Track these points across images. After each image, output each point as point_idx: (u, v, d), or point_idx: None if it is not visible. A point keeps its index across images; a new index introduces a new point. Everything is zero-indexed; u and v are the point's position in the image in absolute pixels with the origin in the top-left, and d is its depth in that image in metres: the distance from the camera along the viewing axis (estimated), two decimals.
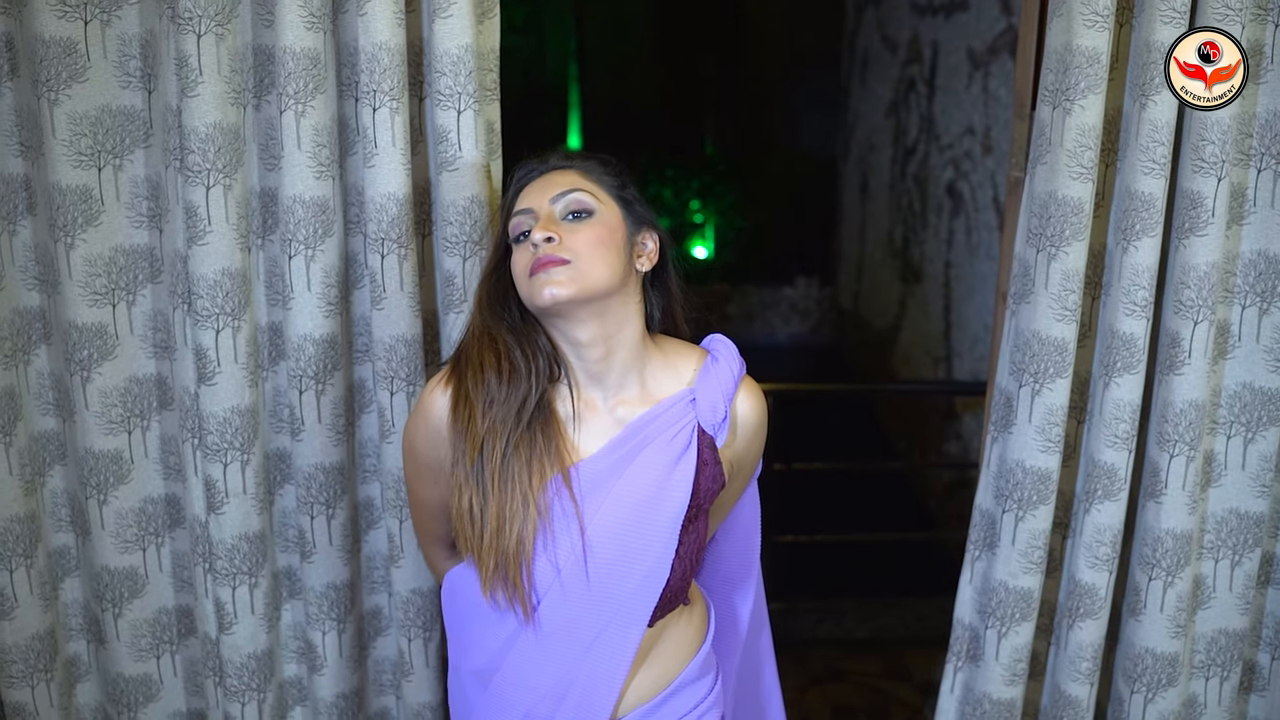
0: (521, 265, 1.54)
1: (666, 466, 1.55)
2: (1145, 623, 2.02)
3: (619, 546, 1.53)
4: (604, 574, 1.53)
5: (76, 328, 1.89)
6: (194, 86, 1.75)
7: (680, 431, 1.57)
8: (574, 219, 1.54)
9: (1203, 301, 1.86)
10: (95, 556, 2.02)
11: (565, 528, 1.53)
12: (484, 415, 1.53)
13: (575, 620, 1.55)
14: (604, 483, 1.54)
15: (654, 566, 1.54)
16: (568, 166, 1.61)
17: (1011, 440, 1.99)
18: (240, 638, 1.99)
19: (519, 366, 1.55)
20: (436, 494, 1.66)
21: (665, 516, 1.54)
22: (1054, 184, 1.84)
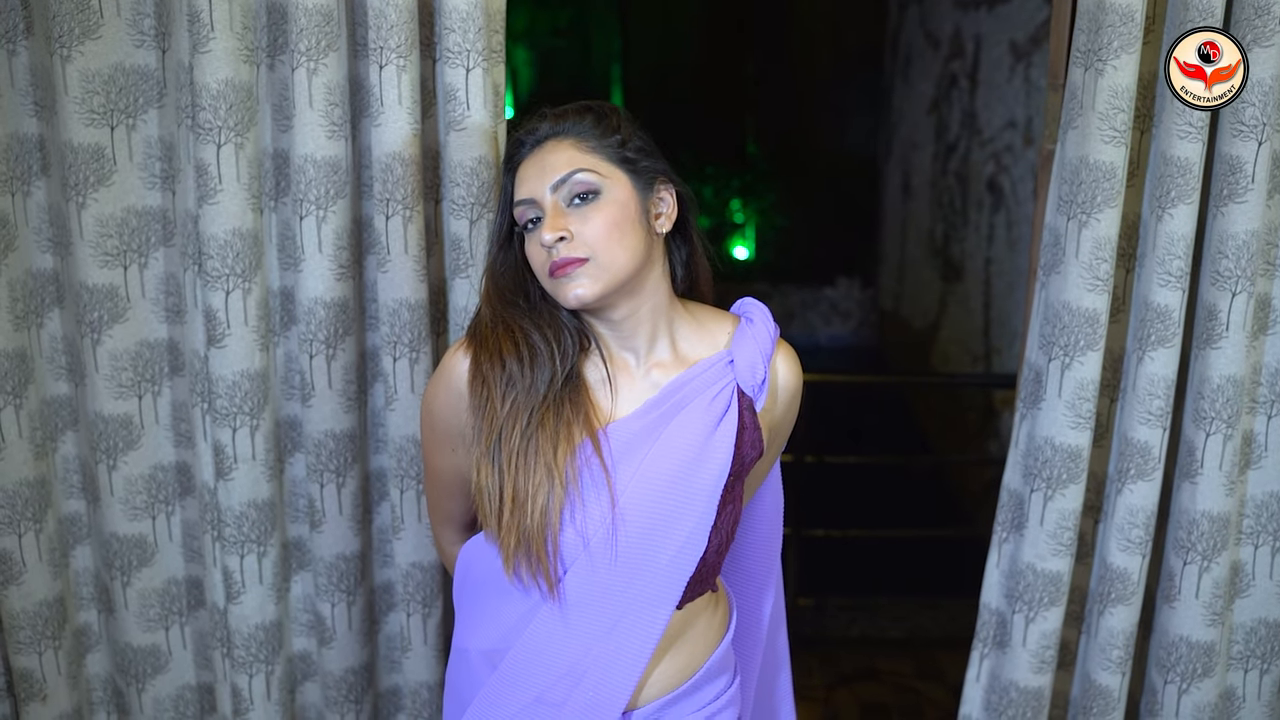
0: (538, 262, 1.46)
1: (706, 429, 1.47)
2: (1180, 609, 1.94)
3: (654, 514, 1.45)
4: (636, 544, 1.45)
5: (87, 289, 1.88)
6: (206, 42, 1.73)
7: (720, 393, 1.50)
8: (580, 202, 1.44)
9: (1241, 272, 1.79)
10: (105, 523, 2.00)
11: (595, 496, 1.45)
12: (503, 399, 1.46)
13: (602, 595, 1.47)
14: (638, 446, 1.47)
15: (690, 536, 1.46)
16: (559, 134, 1.48)
17: (1040, 416, 1.92)
18: (248, 608, 1.97)
19: (540, 349, 1.48)
20: (454, 463, 1.58)
21: (705, 482, 1.46)
22: (1085, 148, 1.78)
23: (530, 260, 1.48)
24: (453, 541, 1.71)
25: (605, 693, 1.49)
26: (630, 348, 1.51)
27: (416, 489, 1.97)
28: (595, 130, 1.48)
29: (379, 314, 1.90)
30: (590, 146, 1.47)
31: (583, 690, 1.49)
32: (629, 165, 1.48)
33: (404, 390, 1.91)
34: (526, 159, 1.49)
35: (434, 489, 1.66)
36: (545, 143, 1.48)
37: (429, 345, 1.92)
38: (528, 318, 1.50)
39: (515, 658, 1.52)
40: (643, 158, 1.49)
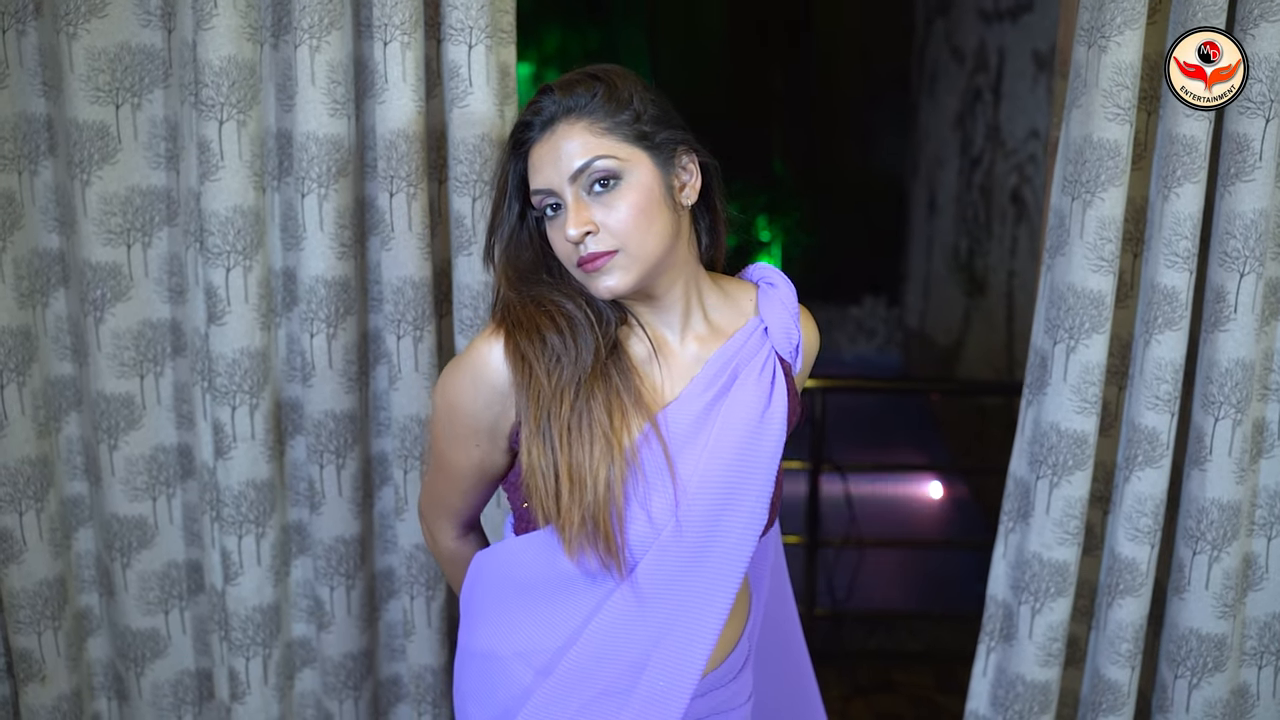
0: (563, 252, 1.40)
1: (761, 400, 1.45)
2: (1190, 601, 1.90)
3: (720, 493, 1.42)
4: (705, 524, 1.41)
5: (90, 266, 1.89)
6: (209, 19, 1.74)
7: (766, 363, 1.47)
8: (601, 189, 1.36)
9: (1249, 252, 1.75)
10: (105, 504, 2.00)
11: (660, 478, 1.40)
12: (549, 374, 1.39)
13: (672, 578, 1.42)
14: (699, 426, 1.42)
15: (754, 511, 1.43)
16: (570, 114, 1.38)
17: (1046, 402, 1.89)
18: (246, 589, 1.96)
19: (577, 318, 1.41)
20: (474, 458, 1.49)
21: (764, 454, 1.44)
22: (1090, 127, 1.76)
23: (553, 244, 1.42)
24: (451, 535, 1.64)
25: (675, 678, 1.44)
26: (667, 323, 1.47)
27: (420, 469, 1.96)
28: (607, 107, 1.38)
29: (383, 294, 1.90)
30: (604, 128, 1.37)
31: (650, 677, 1.44)
32: (647, 141, 1.39)
33: (408, 369, 1.91)
34: (538, 143, 1.40)
35: (443, 483, 1.57)
36: (556, 125, 1.39)
37: (433, 324, 1.92)
38: (556, 290, 1.44)
39: (582, 652, 1.45)
40: (660, 129, 1.41)
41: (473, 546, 1.64)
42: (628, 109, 1.39)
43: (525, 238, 1.48)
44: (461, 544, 1.64)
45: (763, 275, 1.57)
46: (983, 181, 4.97)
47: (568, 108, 1.38)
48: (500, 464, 1.50)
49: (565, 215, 1.37)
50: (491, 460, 1.49)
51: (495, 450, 1.47)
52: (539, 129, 1.40)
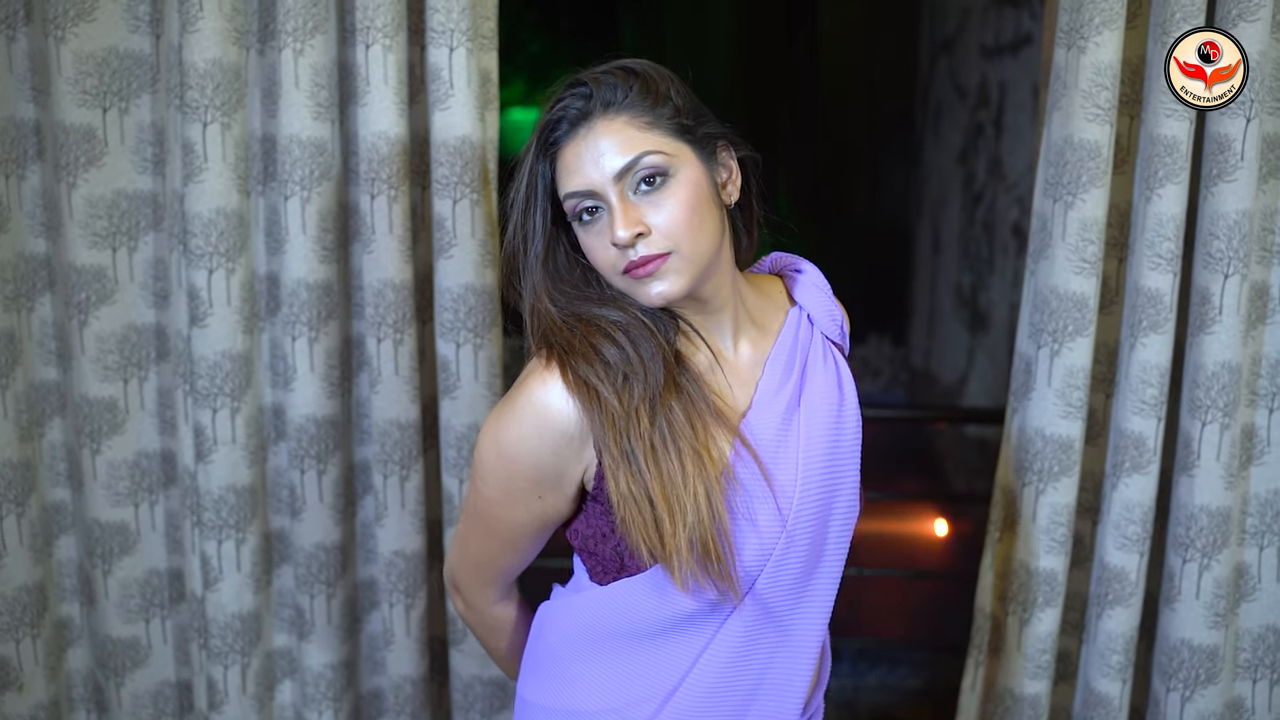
0: (605, 260, 1.27)
1: (833, 390, 1.38)
2: (1180, 611, 1.87)
3: (823, 491, 1.33)
4: (813, 528, 1.32)
5: (75, 269, 1.89)
6: (195, 22, 1.76)
7: (825, 351, 1.40)
8: (648, 188, 1.25)
9: (1234, 253, 1.74)
10: (87, 509, 1.99)
11: (759, 490, 1.29)
12: (620, 393, 1.26)
13: (788, 593, 1.32)
14: (785, 430, 1.33)
15: (851, 500, 1.36)
16: (609, 109, 1.26)
17: (1030, 407, 1.87)
18: (225, 595, 1.94)
19: (634, 327, 1.30)
20: (536, 511, 1.35)
21: (850, 441, 1.37)
22: (1070, 128, 1.75)
23: (590, 253, 1.29)
24: (494, 600, 1.50)
25: (783, 700, 1.36)
26: (719, 328, 1.36)
27: (400, 475, 1.94)
28: (646, 100, 1.27)
29: (364, 299, 1.90)
30: (646, 122, 1.26)
31: (760, 702, 1.35)
32: (689, 135, 1.28)
33: (388, 373, 1.91)
34: (570, 141, 1.28)
35: (495, 547, 1.42)
36: (593, 121, 1.26)
37: (413, 328, 1.91)
38: (600, 302, 1.33)
39: (693, 690, 1.33)
40: (700, 123, 1.31)
41: (516, 606, 1.52)
42: (667, 102, 1.28)
43: (562, 250, 1.35)
44: (504, 607, 1.51)
45: (785, 264, 1.48)
46: (985, 216, 4.97)
47: (605, 102, 1.27)
48: (564, 511, 1.35)
49: (609, 218, 1.25)
50: (557, 510, 1.35)
51: (561, 499, 1.33)
52: (570, 126, 1.28)
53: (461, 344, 1.89)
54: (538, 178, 1.30)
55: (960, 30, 5.33)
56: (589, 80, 1.28)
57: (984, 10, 4.90)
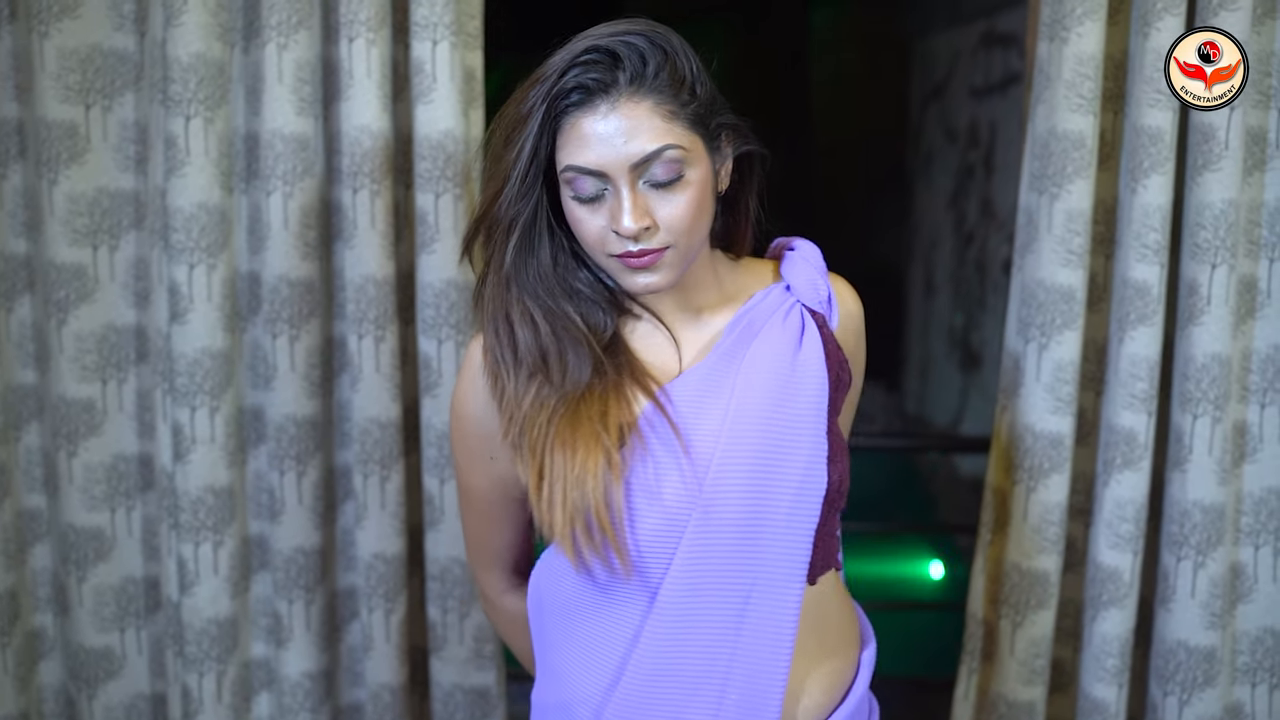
0: (597, 241, 1.22)
1: (788, 349, 1.27)
2: (1176, 612, 1.83)
3: (757, 459, 1.22)
4: (745, 502, 1.22)
5: (55, 267, 1.88)
6: (179, 15, 1.76)
7: (790, 312, 1.30)
8: (660, 184, 1.20)
9: (1220, 243, 1.73)
10: (62, 513, 1.95)
11: (671, 459, 1.22)
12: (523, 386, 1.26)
13: (719, 574, 1.22)
14: (714, 389, 1.25)
15: (807, 475, 1.22)
16: (635, 91, 1.19)
17: (1019, 404, 1.85)
18: (201, 599, 1.90)
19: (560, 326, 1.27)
20: (494, 475, 1.34)
21: (806, 404, 1.24)
22: (1053, 119, 1.75)
23: (577, 225, 1.23)
24: (501, 587, 1.45)
25: (751, 697, 1.23)
26: (683, 302, 1.32)
27: (380, 475, 1.91)
28: (673, 85, 1.20)
29: (346, 299, 1.88)
30: (670, 110, 1.19)
31: (729, 699, 1.24)
32: (703, 126, 1.23)
33: (369, 370, 1.88)
34: (585, 113, 1.19)
35: (474, 518, 1.41)
36: (617, 97, 1.18)
37: (395, 326, 1.89)
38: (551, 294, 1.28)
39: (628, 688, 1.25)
40: (713, 113, 1.25)
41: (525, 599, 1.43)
42: (691, 90, 1.22)
43: (544, 230, 1.27)
44: (514, 599, 1.44)
45: (788, 242, 1.42)
46: (977, 256, 4.98)
47: (632, 77, 1.19)
48: (519, 476, 1.30)
49: (614, 203, 1.19)
50: (511, 474, 1.32)
51: (508, 461, 1.31)
52: (587, 95, 1.19)
53: (443, 340, 1.87)
54: (541, 144, 1.21)
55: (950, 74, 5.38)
56: (617, 48, 1.19)
57: (972, 53, 4.95)
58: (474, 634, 1.95)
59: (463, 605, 1.94)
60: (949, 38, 5.30)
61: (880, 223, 6.60)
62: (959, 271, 5.28)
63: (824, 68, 6.73)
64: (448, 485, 1.90)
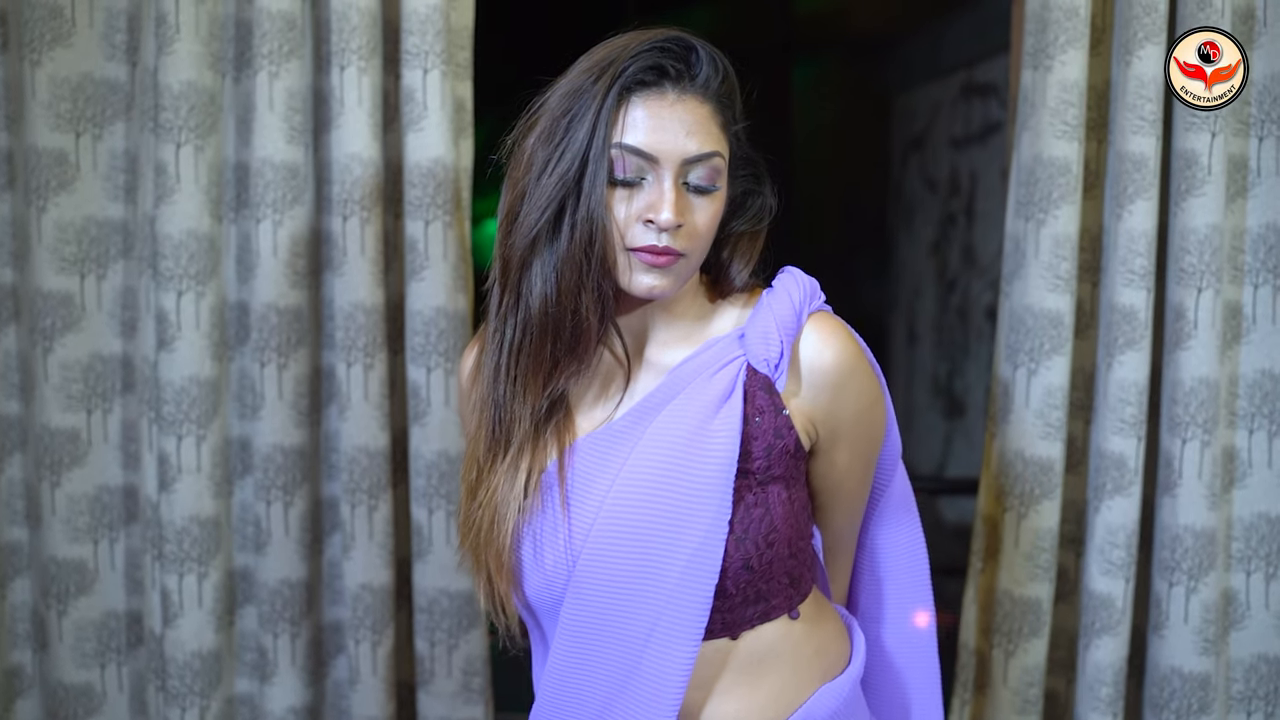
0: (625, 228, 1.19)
1: (702, 413, 1.21)
2: (1169, 638, 1.82)
3: (647, 524, 1.20)
4: (633, 562, 1.20)
5: (42, 294, 1.87)
6: (170, 44, 1.77)
7: (722, 370, 1.24)
8: (699, 188, 1.20)
9: (1205, 267, 1.75)
10: (44, 546, 1.93)
11: (555, 520, 1.24)
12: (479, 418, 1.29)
13: (607, 629, 1.22)
14: (612, 454, 1.24)
15: (703, 545, 1.18)
16: (701, 92, 1.21)
17: (1009, 430, 1.85)
18: (185, 632, 1.87)
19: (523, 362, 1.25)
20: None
21: (706, 475, 1.19)
22: (1039, 146, 1.77)
23: (615, 211, 1.19)
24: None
25: None
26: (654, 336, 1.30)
27: (368, 505, 1.89)
28: (729, 101, 1.24)
29: (334, 321, 1.87)
30: (721, 122, 1.22)
31: None
32: (735, 152, 1.27)
33: (357, 399, 1.87)
34: (655, 95, 1.19)
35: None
36: (686, 92, 1.20)
37: (384, 354, 1.88)
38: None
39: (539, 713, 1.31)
40: (741, 146, 1.29)
41: None
42: (735, 112, 1.26)
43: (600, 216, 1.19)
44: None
45: (778, 278, 1.32)
46: (959, 304, 5.01)
47: (703, 81, 1.21)
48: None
49: (655, 193, 1.18)
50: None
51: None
52: (659, 77, 1.19)
53: (432, 369, 1.86)
54: (603, 116, 1.18)
55: (930, 125, 5.45)
56: (695, 45, 1.22)
57: (952, 103, 5.01)
58: (463, 667, 1.92)
59: (451, 637, 1.92)
60: (928, 90, 5.37)
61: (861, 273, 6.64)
62: (941, 319, 5.30)
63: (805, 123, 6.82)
64: (436, 515, 1.89)
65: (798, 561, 1.28)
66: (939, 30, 5.11)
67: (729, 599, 1.23)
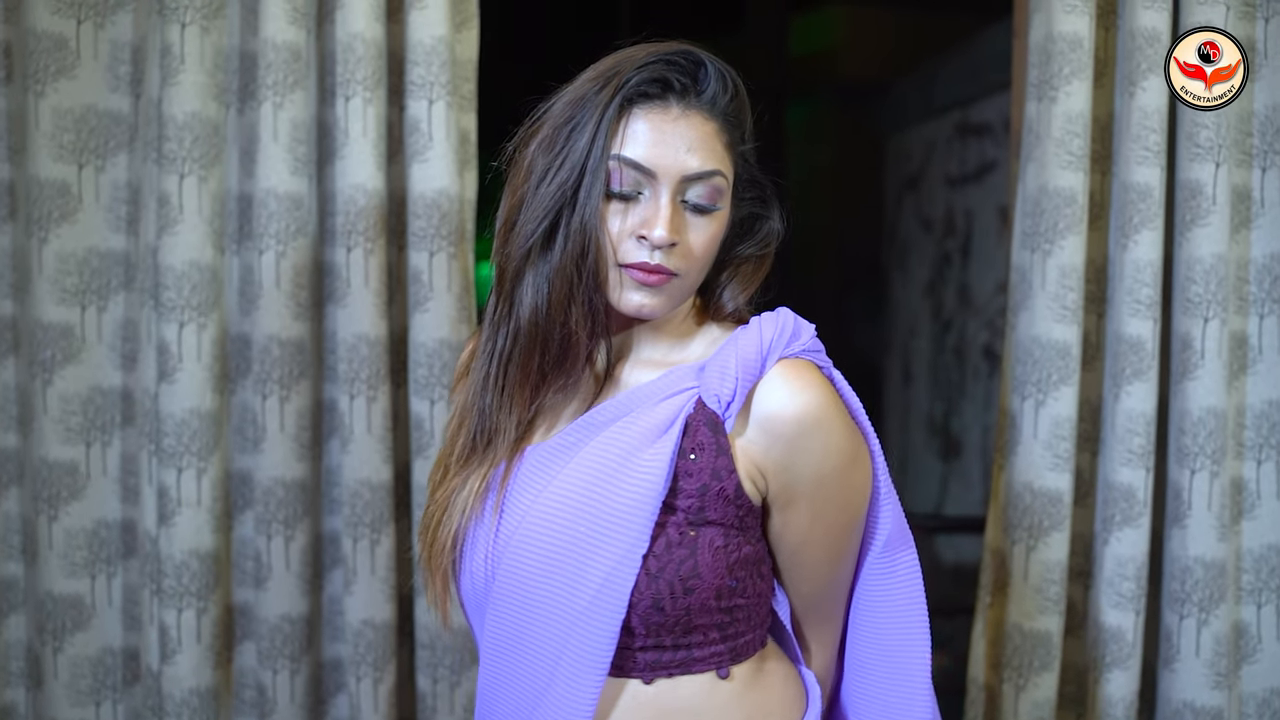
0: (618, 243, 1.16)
1: (639, 438, 1.16)
2: (1180, 672, 1.80)
3: (558, 548, 1.16)
4: (541, 582, 1.16)
5: (42, 326, 1.85)
6: (175, 75, 1.77)
7: (670, 399, 1.18)
8: (698, 207, 1.17)
9: (1212, 297, 1.75)
10: (40, 581, 1.90)
11: (486, 526, 1.21)
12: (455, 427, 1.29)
13: (517, 650, 1.18)
14: (547, 468, 1.20)
15: (611, 576, 1.13)
16: (706, 107, 1.18)
17: (1017, 462, 1.84)
18: (183, 669, 1.84)
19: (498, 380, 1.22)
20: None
21: (626, 506, 1.13)
22: (1044, 177, 1.78)
23: (608, 225, 1.16)
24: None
25: None
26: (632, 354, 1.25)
27: (370, 539, 1.87)
28: (736, 120, 1.21)
29: (337, 353, 1.86)
30: (727, 141, 1.19)
31: None
32: (740, 173, 1.23)
33: (360, 431, 1.85)
34: (658, 108, 1.16)
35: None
36: (690, 107, 1.17)
37: (387, 386, 1.87)
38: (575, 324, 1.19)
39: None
40: (748, 167, 1.25)
41: None
42: (743, 132, 1.23)
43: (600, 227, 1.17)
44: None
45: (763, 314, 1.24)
46: (955, 343, 5.02)
47: (711, 95, 1.19)
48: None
49: (650, 208, 1.15)
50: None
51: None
52: (663, 90, 1.17)
53: (436, 400, 1.85)
54: (603, 125, 1.15)
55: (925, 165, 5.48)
56: (708, 62, 1.19)
57: (947, 143, 5.05)
58: (465, 704, 1.90)
59: (454, 674, 1.89)
60: (922, 130, 5.41)
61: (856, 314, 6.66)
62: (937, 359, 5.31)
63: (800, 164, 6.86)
64: None
65: (732, 618, 1.19)
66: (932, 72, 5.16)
67: (636, 637, 1.16)
